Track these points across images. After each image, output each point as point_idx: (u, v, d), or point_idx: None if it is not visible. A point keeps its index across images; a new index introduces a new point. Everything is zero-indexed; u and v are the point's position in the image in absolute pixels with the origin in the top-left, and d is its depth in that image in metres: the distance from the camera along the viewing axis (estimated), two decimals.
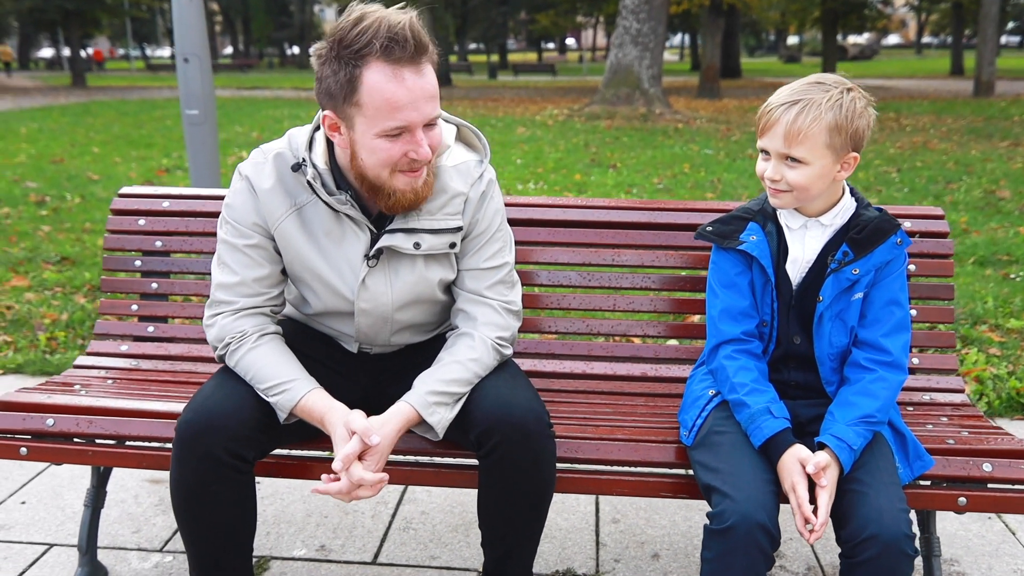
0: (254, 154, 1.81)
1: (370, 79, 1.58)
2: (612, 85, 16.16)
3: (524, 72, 40.85)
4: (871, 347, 1.78)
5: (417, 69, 1.61)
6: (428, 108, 1.63)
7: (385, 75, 1.58)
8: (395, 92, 1.58)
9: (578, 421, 2.03)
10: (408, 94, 1.59)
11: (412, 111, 1.61)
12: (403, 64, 1.58)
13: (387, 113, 1.60)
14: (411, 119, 1.61)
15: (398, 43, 1.57)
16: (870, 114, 1.73)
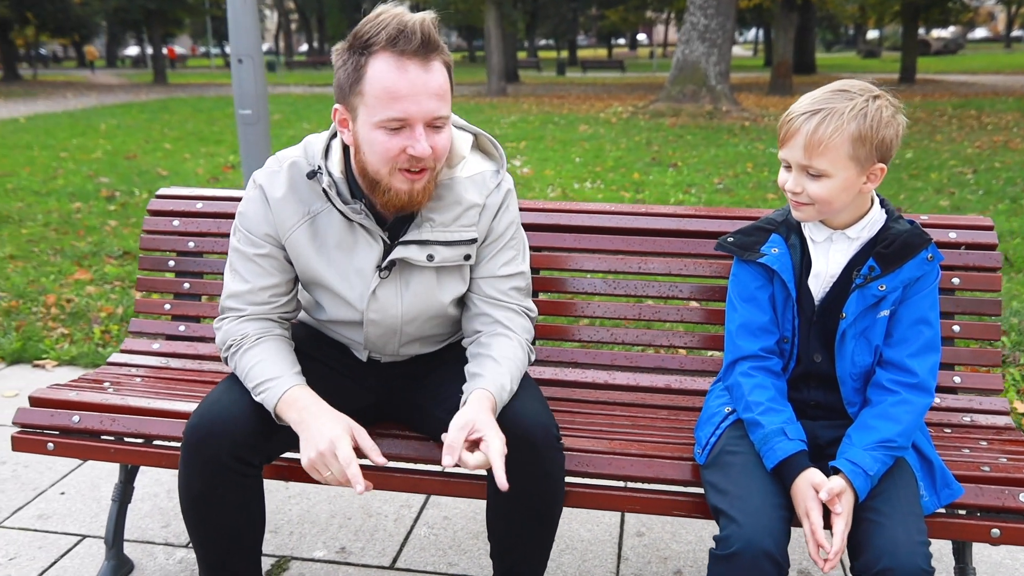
0: (269, 162, 1.82)
1: (374, 67, 1.59)
2: (678, 82, 15.91)
3: (592, 68, 40.61)
4: (896, 368, 1.69)
5: (423, 64, 1.59)
6: (430, 104, 1.61)
7: (389, 65, 1.58)
8: (396, 81, 1.58)
9: (594, 434, 1.99)
10: (409, 85, 1.58)
11: (411, 104, 1.59)
12: (408, 56, 1.58)
13: (386, 102, 1.59)
14: (410, 112, 1.59)
15: (405, 35, 1.57)
16: (899, 122, 1.64)
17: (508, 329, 1.83)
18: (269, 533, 2.48)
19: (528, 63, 41.70)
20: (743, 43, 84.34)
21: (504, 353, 1.77)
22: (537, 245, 2.38)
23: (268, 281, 1.80)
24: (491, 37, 23.98)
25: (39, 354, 3.83)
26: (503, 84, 23.98)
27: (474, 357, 1.80)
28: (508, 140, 12.12)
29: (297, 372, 1.74)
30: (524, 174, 9.00)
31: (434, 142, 1.65)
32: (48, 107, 20.18)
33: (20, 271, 5.16)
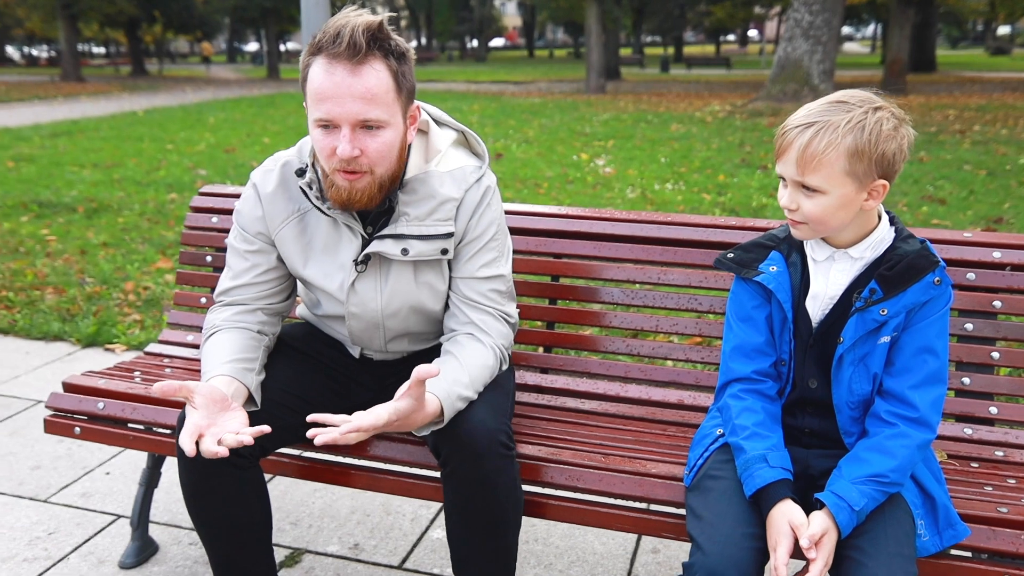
0: (267, 161, 1.88)
1: (312, 70, 1.64)
2: (779, 81, 15.41)
3: (697, 65, 39.82)
4: (896, 399, 1.58)
5: (352, 68, 1.60)
6: (354, 107, 1.61)
7: (320, 67, 1.63)
8: (322, 83, 1.62)
9: (593, 447, 1.95)
10: (333, 88, 1.61)
11: (335, 105, 1.61)
12: (338, 60, 1.61)
13: (315, 103, 1.64)
14: (333, 113, 1.62)
15: (336, 40, 1.61)
16: (902, 136, 1.53)
17: (483, 332, 1.82)
18: (288, 524, 2.55)
19: (632, 60, 41.22)
20: (860, 39, 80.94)
21: (472, 359, 1.76)
22: (556, 252, 2.36)
23: (257, 277, 1.85)
24: (591, 34, 23.83)
25: (111, 338, 4.05)
26: (602, 81, 23.80)
27: (443, 354, 1.79)
28: (596, 139, 12.03)
29: (229, 361, 1.73)
30: (606, 173, 8.91)
31: (364, 145, 1.65)
32: (166, 101, 21.32)
33: (110, 258, 5.46)
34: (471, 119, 15.05)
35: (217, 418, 1.57)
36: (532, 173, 8.95)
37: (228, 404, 1.60)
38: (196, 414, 1.54)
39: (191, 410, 1.55)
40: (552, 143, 11.56)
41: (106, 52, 64.19)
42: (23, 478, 2.81)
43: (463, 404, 1.69)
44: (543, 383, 2.30)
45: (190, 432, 1.50)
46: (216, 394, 1.59)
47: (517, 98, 20.76)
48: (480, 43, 63.58)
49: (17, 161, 9.92)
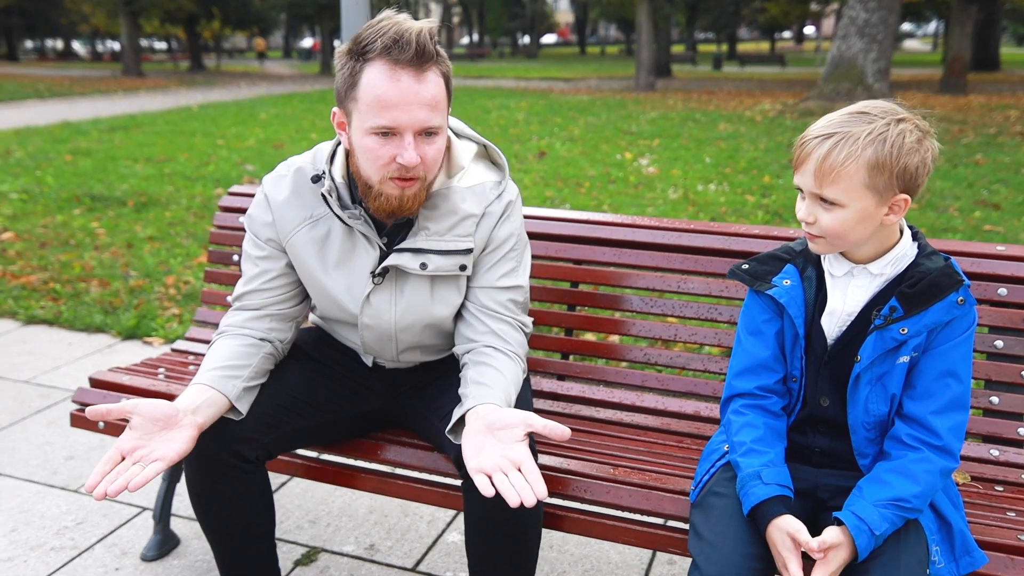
0: (280, 166, 1.88)
1: (368, 75, 1.61)
2: (832, 79, 15.09)
3: (751, 63, 39.20)
4: (917, 423, 1.52)
5: (417, 74, 1.60)
6: (420, 114, 1.61)
7: (382, 72, 1.59)
8: (387, 90, 1.59)
9: (604, 458, 1.93)
10: (400, 95, 1.59)
11: (401, 112, 1.60)
12: (402, 65, 1.59)
13: (377, 110, 1.60)
14: (399, 120, 1.60)
15: (399, 44, 1.58)
16: (926, 149, 1.48)
17: (505, 343, 1.81)
18: (307, 523, 2.58)
19: (684, 57, 40.75)
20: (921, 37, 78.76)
21: (507, 370, 1.76)
22: (576, 257, 2.34)
23: (268, 283, 1.86)
24: (642, 31, 23.62)
25: (150, 332, 4.15)
26: (652, 79, 23.59)
27: (476, 366, 1.77)
28: (642, 137, 11.93)
29: (213, 369, 1.73)
30: (649, 173, 8.83)
31: (423, 152, 1.65)
32: (221, 96, 21.74)
33: (154, 252, 5.59)
34: (517, 116, 15.04)
35: (153, 439, 1.55)
36: (574, 172, 8.91)
37: (175, 421, 1.58)
38: (126, 436, 1.53)
39: (126, 432, 1.54)
40: (597, 141, 11.50)
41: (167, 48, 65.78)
42: (57, 467, 2.89)
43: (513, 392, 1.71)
44: (559, 390, 2.28)
45: (108, 457, 1.49)
46: (158, 412, 1.56)
47: (565, 95, 20.69)
48: (532, 39, 63.52)
49: (75, 155, 10.21)
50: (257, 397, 1.81)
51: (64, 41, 65.49)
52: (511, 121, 14.18)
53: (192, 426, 1.60)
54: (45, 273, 5.06)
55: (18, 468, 2.89)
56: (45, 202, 7.19)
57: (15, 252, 5.55)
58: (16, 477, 2.83)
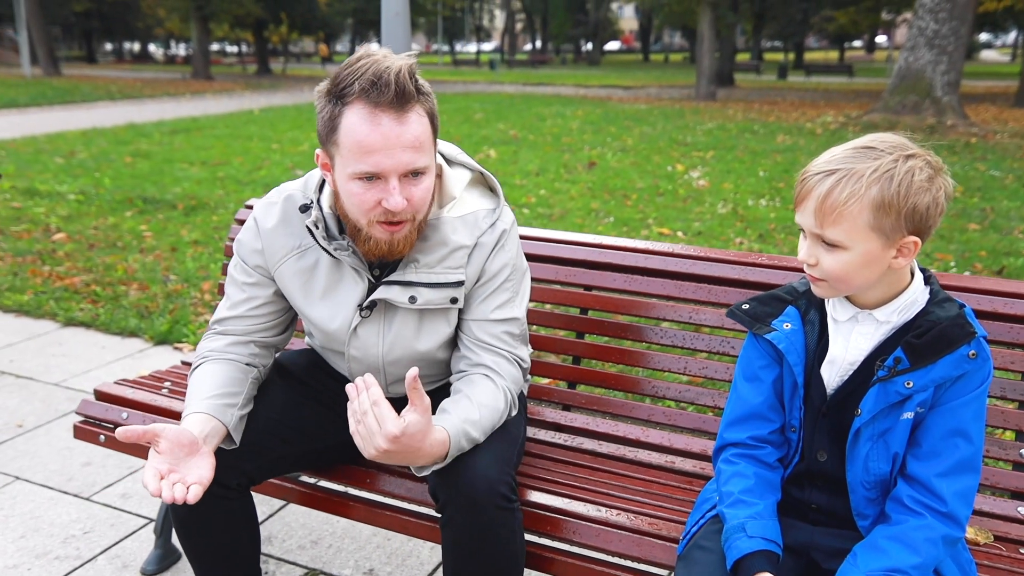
0: (271, 193, 1.84)
1: (348, 119, 1.54)
2: (898, 92, 14.62)
3: (817, 72, 38.33)
4: (921, 486, 1.40)
5: (398, 115, 1.53)
6: (404, 157, 1.55)
7: (361, 117, 1.53)
8: (368, 135, 1.53)
9: (600, 496, 1.84)
10: (382, 139, 1.53)
11: (384, 157, 1.54)
12: (382, 107, 1.52)
13: (359, 156, 1.54)
14: (382, 165, 1.54)
15: (378, 86, 1.52)
16: (938, 187, 1.36)
17: (496, 374, 1.74)
18: (309, 543, 2.54)
19: (748, 66, 40.09)
20: (1000, 47, 76.08)
21: (484, 399, 1.68)
22: (586, 283, 2.26)
23: (253, 310, 1.82)
24: (703, 39, 23.30)
25: (181, 337, 4.19)
26: (713, 88, 23.24)
27: (454, 393, 1.72)
28: (696, 149, 11.72)
29: (210, 397, 1.69)
30: (700, 186, 8.65)
31: (410, 194, 1.59)
32: (283, 100, 22.15)
33: (196, 256, 5.67)
34: (572, 125, 14.95)
35: (181, 463, 1.53)
36: (622, 184, 8.79)
37: (197, 448, 1.56)
38: (157, 459, 1.51)
39: (153, 454, 1.52)
40: (649, 152, 11.34)
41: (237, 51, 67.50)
42: (73, 474, 2.92)
43: (468, 445, 1.62)
44: (562, 421, 2.20)
45: (151, 474, 1.48)
46: (184, 437, 1.54)
47: (623, 104, 20.52)
48: (595, 47, 63.28)
49: (135, 156, 10.49)
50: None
51: (140, 44, 67.82)
52: (565, 130, 14.10)
53: (209, 454, 1.60)
54: (89, 275, 5.17)
55: (36, 473, 2.93)
56: (100, 204, 7.38)
57: (64, 253, 5.69)
58: (33, 482, 2.87)
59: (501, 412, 1.70)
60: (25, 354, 4.02)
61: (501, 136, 13.02)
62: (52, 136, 12.65)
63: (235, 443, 1.70)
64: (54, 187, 8.06)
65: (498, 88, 28.53)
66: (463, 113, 17.35)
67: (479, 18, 79.89)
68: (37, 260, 5.49)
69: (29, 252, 5.69)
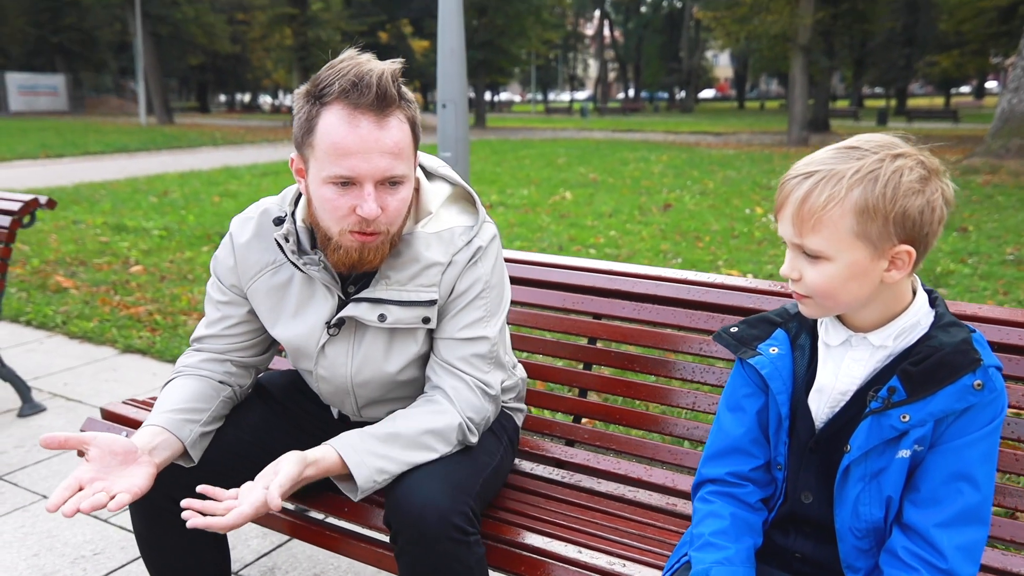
0: (250, 207, 1.79)
1: (326, 119, 1.48)
2: (1001, 135, 13.89)
3: (920, 118, 36.98)
4: (919, 537, 1.22)
5: (378, 119, 1.47)
6: (381, 162, 1.48)
7: (339, 118, 1.47)
8: (345, 136, 1.46)
9: (583, 538, 1.70)
10: (359, 142, 1.46)
11: (361, 161, 1.47)
12: (362, 110, 1.46)
13: (334, 158, 1.48)
14: (359, 170, 1.47)
15: (359, 88, 1.46)
16: (934, 191, 1.20)
17: (448, 400, 1.63)
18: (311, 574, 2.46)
19: (846, 112, 39.10)
20: None
21: (407, 424, 1.57)
22: (595, 311, 2.14)
23: (228, 329, 1.77)
24: (795, 84, 22.85)
25: None
26: (806, 134, 22.70)
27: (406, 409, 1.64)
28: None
29: (171, 411, 1.63)
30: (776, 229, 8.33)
31: (385, 203, 1.52)
32: None
33: None
34: (654, 169, 14.79)
35: (113, 472, 1.46)
36: (696, 226, 8.57)
37: (133, 457, 1.49)
38: (83, 468, 1.44)
39: (82, 463, 1.46)
40: (729, 195, 11.07)
41: None
42: None
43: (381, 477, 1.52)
44: (563, 456, 2.07)
45: (67, 484, 1.40)
46: (117, 446, 1.48)
47: (711, 149, 20.23)
48: (688, 94, 63.08)
49: (222, 196, 10.91)
50: (211, 441, 1.72)
51: (251, 95, 71.51)
52: (646, 173, 13.95)
53: (150, 464, 1.52)
54: (154, 305, 5.33)
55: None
56: (180, 239, 7.67)
57: (136, 284, 5.90)
58: None
59: (438, 435, 1.58)
60: (80, 378, 4.13)
61: (580, 179, 12.98)
62: (152, 177, 13.33)
63: (193, 461, 1.64)
64: (141, 223, 8.43)
65: (587, 135, 28.64)
66: (546, 157, 17.43)
67: (572, 68, 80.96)
68: (110, 290, 5.70)
69: (104, 283, 5.92)
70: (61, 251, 7.02)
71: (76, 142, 21.18)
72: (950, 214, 1.24)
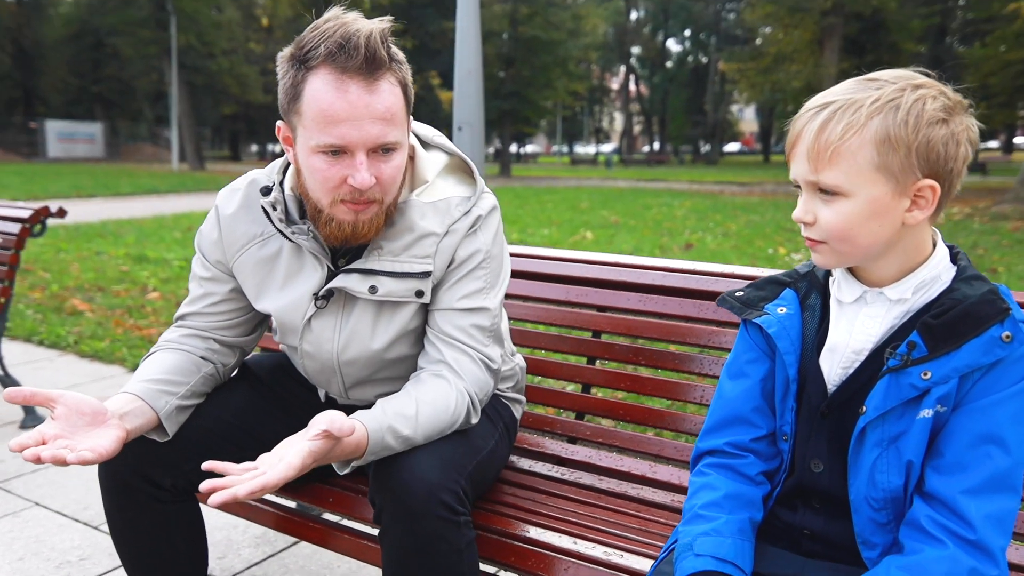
0: (237, 180, 1.72)
1: (312, 85, 1.41)
2: None
3: None
4: (943, 506, 1.10)
5: (368, 83, 1.40)
6: (373, 129, 1.40)
7: (327, 83, 1.39)
8: (333, 103, 1.39)
9: (579, 530, 1.58)
10: (348, 108, 1.39)
11: (351, 128, 1.39)
12: (350, 73, 1.38)
13: (323, 126, 1.40)
14: (349, 138, 1.40)
15: (346, 49, 1.38)
16: (958, 124, 1.11)
17: (453, 373, 1.54)
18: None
19: None
20: None
21: (427, 396, 1.48)
22: (599, 304, 2.04)
23: (210, 307, 1.70)
24: None
25: None
26: None
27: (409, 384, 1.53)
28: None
29: (147, 380, 1.55)
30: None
31: (379, 171, 1.44)
32: None
33: None
34: (677, 213, 14.73)
35: (79, 432, 1.38)
36: None
37: (102, 419, 1.41)
38: (49, 424, 1.36)
39: (48, 420, 1.38)
40: (752, 237, 10.95)
41: None
42: (90, 503, 2.85)
43: (398, 444, 1.42)
44: (563, 453, 1.96)
45: (29, 435, 1.31)
46: (85, 406, 1.40)
47: (735, 197, 20.16)
48: (713, 147, 63.30)
49: None
50: (187, 419, 1.63)
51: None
52: (668, 216, 13.89)
53: (120, 428, 1.43)
54: (166, 327, 5.29)
55: (56, 500, 2.88)
56: None
57: (151, 309, 5.88)
58: (50, 508, 2.82)
59: (451, 413, 1.49)
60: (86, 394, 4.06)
61: (602, 221, 12.92)
62: (178, 216, 13.48)
63: (168, 435, 1.56)
64: (162, 254, 8.48)
65: (611, 183, 28.73)
66: (569, 202, 17.45)
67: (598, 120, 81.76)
68: (125, 314, 5.68)
69: (120, 307, 5.91)
70: (81, 278, 7.05)
71: (108, 184, 21.58)
72: (981, 257, 1.15)
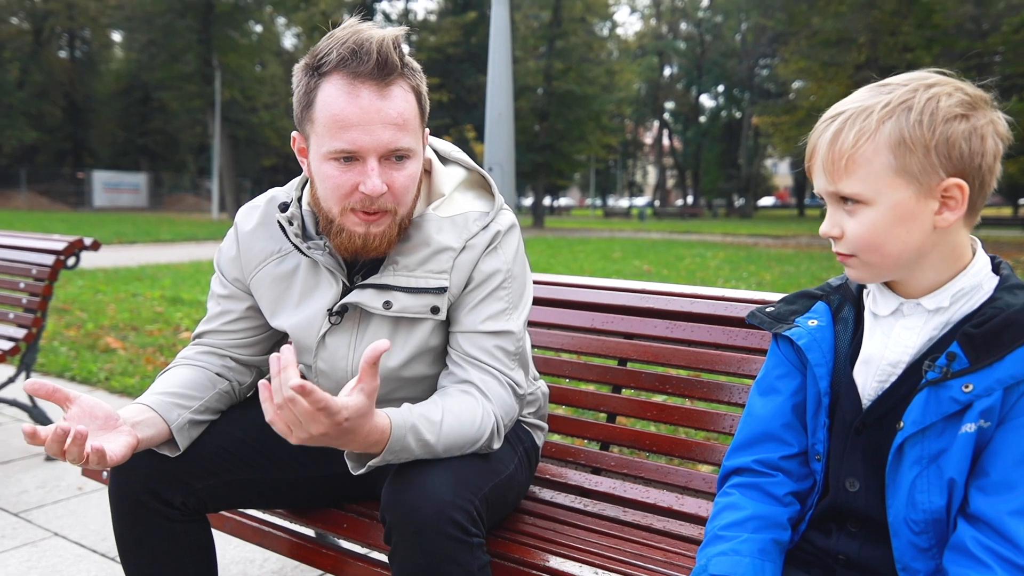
0: (257, 197, 1.73)
1: (325, 91, 1.42)
2: None
3: (987, 226, 36.21)
4: (989, 528, 1.03)
5: (379, 88, 1.40)
6: (384, 134, 1.40)
7: (339, 88, 1.40)
8: (344, 108, 1.39)
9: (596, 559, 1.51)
10: (360, 113, 1.39)
11: (362, 133, 1.39)
12: (361, 79, 1.39)
13: (334, 131, 1.40)
14: (360, 142, 1.39)
15: (358, 55, 1.39)
16: (981, 119, 1.07)
17: (480, 393, 1.49)
18: None
19: None
20: None
21: (453, 406, 1.43)
22: (625, 331, 1.99)
23: (227, 325, 1.69)
24: None
25: None
26: None
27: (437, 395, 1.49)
28: None
29: (160, 393, 1.53)
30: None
31: (391, 179, 1.43)
32: None
33: None
34: (710, 263, 14.63)
35: (91, 435, 1.35)
36: None
37: (114, 424, 1.39)
38: (62, 424, 1.32)
39: (61, 421, 1.35)
40: (787, 287, 10.80)
41: None
42: (107, 534, 2.82)
43: (418, 449, 1.37)
44: (587, 484, 1.88)
45: (49, 428, 1.28)
46: (99, 410, 1.38)
47: (769, 249, 20.00)
48: (747, 201, 63.18)
49: None
50: (200, 436, 1.60)
51: None
52: (701, 267, 13.79)
53: (131, 435, 1.41)
54: None
55: (74, 531, 2.85)
56: None
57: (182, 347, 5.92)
58: (68, 539, 2.79)
59: (476, 429, 1.44)
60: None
61: (634, 270, 12.86)
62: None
63: (179, 449, 1.52)
64: (197, 296, 8.57)
65: (644, 235, 28.70)
66: (601, 252, 17.43)
67: (632, 173, 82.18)
68: (156, 351, 5.72)
69: (152, 345, 5.96)
70: (116, 318, 7.13)
71: (149, 231, 22.04)
72: None
